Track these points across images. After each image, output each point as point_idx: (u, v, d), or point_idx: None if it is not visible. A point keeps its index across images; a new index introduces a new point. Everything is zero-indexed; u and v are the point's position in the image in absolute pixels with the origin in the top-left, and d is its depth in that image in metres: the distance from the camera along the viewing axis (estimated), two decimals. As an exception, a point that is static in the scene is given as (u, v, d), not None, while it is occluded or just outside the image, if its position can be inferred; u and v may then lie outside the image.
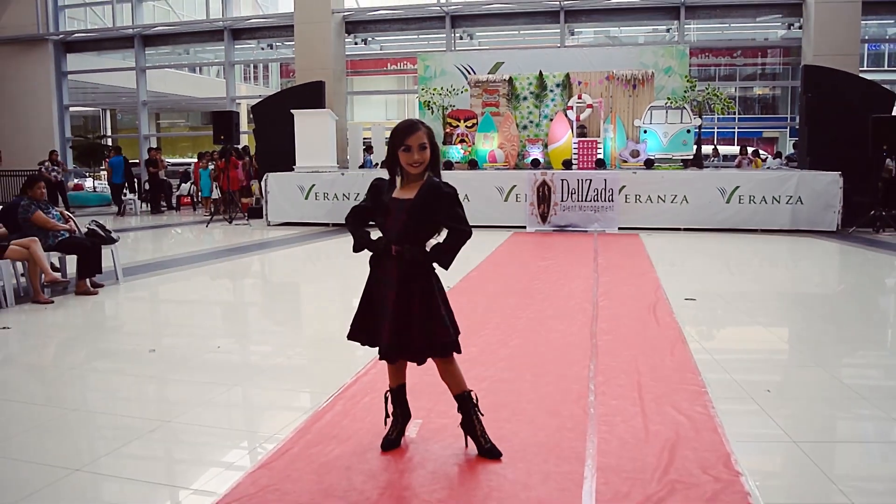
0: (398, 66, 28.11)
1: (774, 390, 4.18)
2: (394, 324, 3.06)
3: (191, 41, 22.63)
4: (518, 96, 15.70)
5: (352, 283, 8.69)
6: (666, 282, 7.67)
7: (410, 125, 3.04)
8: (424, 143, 3.02)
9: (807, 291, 8.09)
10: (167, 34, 22.28)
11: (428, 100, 16.07)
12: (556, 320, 5.89)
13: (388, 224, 3.09)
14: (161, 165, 19.73)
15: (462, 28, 20.03)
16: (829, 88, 14.14)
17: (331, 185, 14.37)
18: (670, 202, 13.03)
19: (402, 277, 3.06)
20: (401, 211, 3.04)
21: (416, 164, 3.02)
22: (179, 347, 5.45)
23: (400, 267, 3.06)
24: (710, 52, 24.86)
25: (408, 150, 3.01)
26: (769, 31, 21.39)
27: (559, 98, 15.48)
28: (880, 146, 12.70)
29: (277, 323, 6.56)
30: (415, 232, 3.06)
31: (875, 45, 25.64)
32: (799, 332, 5.98)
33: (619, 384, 4.19)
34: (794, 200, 12.66)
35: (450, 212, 3.03)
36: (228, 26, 20.99)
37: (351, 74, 22.25)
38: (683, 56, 15.77)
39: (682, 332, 5.47)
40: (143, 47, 22.06)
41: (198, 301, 7.56)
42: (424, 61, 17.23)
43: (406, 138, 3.01)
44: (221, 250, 11.30)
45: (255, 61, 28.02)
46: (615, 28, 21.53)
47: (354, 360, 4.66)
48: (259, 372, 4.72)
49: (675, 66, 15.63)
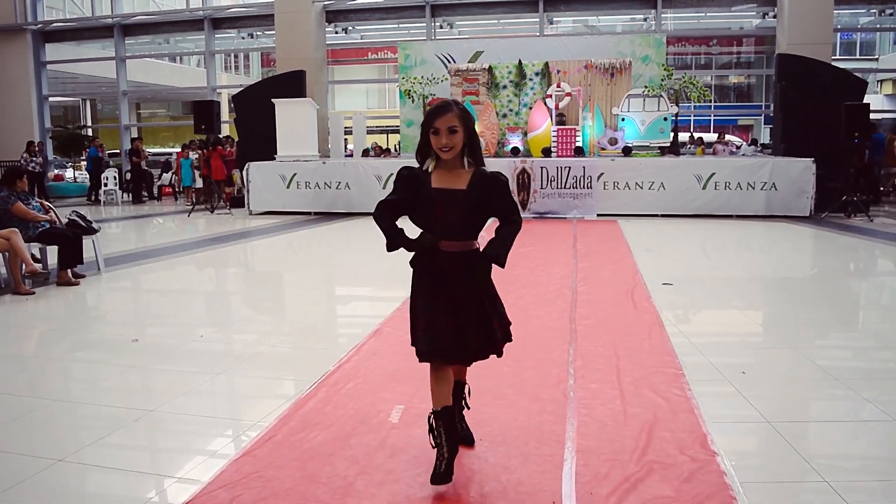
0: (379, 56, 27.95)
1: (749, 372, 4.22)
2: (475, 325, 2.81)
3: (171, 30, 22.35)
4: (498, 85, 15.68)
5: (334, 272, 8.70)
6: (644, 267, 7.71)
7: (440, 107, 2.78)
8: (455, 126, 2.74)
9: (781, 275, 8.16)
10: (147, 23, 21.98)
11: (408, 88, 16.02)
12: (536, 306, 5.91)
13: (440, 216, 2.78)
14: (143, 155, 19.54)
15: (442, 17, 19.94)
16: (802, 77, 14.23)
17: (312, 174, 14.30)
18: (648, 189, 13.09)
19: (470, 275, 2.81)
20: (452, 203, 2.76)
21: (444, 149, 2.75)
22: (162, 337, 5.41)
23: (462, 262, 2.79)
24: (686, 41, 24.96)
25: (437, 134, 2.76)
26: (744, 20, 21.49)
27: (538, 87, 15.47)
28: (852, 133, 12.82)
29: (260, 311, 6.53)
30: (473, 225, 2.82)
31: (847, 34, 25.87)
32: (773, 315, 6.04)
33: (598, 368, 4.22)
34: (769, 187, 12.76)
35: (506, 202, 2.82)
36: (209, 15, 20.75)
37: (332, 63, 22.13)
38: (660, 45, 15.81)
39: (659, 316, 5.50)
40: (123, 37, 21.75)
41: (180, 291, 7.51)
42: (405, 50, 17.14)
43: (435, 120, 2.75)
44: (204, 240, 11.22)
45: (236, 51, 27.74)
46: (593, 17, 21.54)
47: (337, 347, 4.65)
48: (242, 360, 4.70)
49: (653, 54, 15.66)
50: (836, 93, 13.54)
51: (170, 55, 26.26)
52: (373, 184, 13.88)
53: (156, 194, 20.53)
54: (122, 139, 21.89)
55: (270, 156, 15.03)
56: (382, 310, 5.86)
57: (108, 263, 8.32)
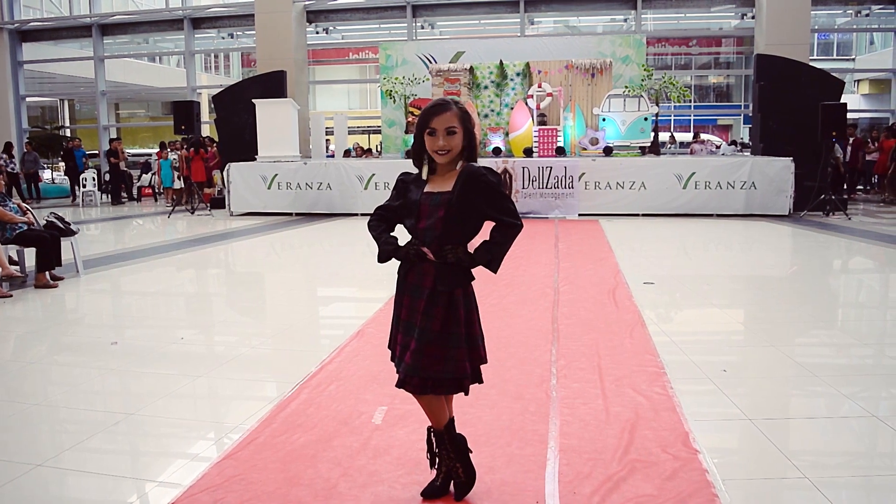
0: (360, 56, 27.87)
1: (730, 370, 4.25)
2: (432, 345, 2.53)
3: (150, 30, 22.19)
4: (479, 85, 15.69)
5: (315, 273, 8.67)
6: (625, 266, 7.75)
7: (437, 105, 2.54)
8: (453, 128, 2.50)
9: (761, 274, 8.23)
10: (126, 23, 21.81)
11: (390, 89, 15.99)
12: (518, 306, 5.91)
13: (422, 223, 2.55)
14: (121, 156, 19.36)
15: (423, 17, 19.94)
16: (780, 77, 14.35)
17: (293, 175, 14.24)
18: (629, 188, 13.15)
19: (438, 284, 2.54)
20: (436, 206, 2.53)
21: (441, 152, 2.51)
22: (142, 339, 5.36)
23: (437, 272, 2.54)
24: (666, 41, 25.09)
25: (432, 135, 2.52)
26: (723, 20, 21.66)
27: (519, 87, 15.51)
28: (829, 132, 12.94)
29: (241, 313, 6.49)
30: (455, 231, 2.54)
31: (824, 35, 26.13)
32: (753, 314, 6.08)
33: (581, 367, 4.23)
34: (748, 186, 12.86)
35: (496, 203, 2.53)
36: (188, 15, 20.62)
37: (313, 64, 22.04)
38: (641, 45, 15.91)
39: (641, 315, 5.53)
40: (102, 36, 21.56)
41: (160, 292, 7.44)
42: (386, 50, 17.13)
43: (431, 120, 2.51)
44: (184, 241, 11.14)
45: (216, 51, 27.59)
46: (574, 18, 21.61)
47: (319, 348, 4.63)
48: (223, 362, 4.67)
49: (633, 55, 15.76)
50: (814, 93, 13.66)
51: (149, 55, 26.04)
52: (354, 185, 13.85)
53: (135, 195, 20.36)
54: (101, 140, 21.69)
55: (251, 156, 14.96)
56: (364, 311, 5.85)
57: (87, 265, 8.24)
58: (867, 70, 25.94)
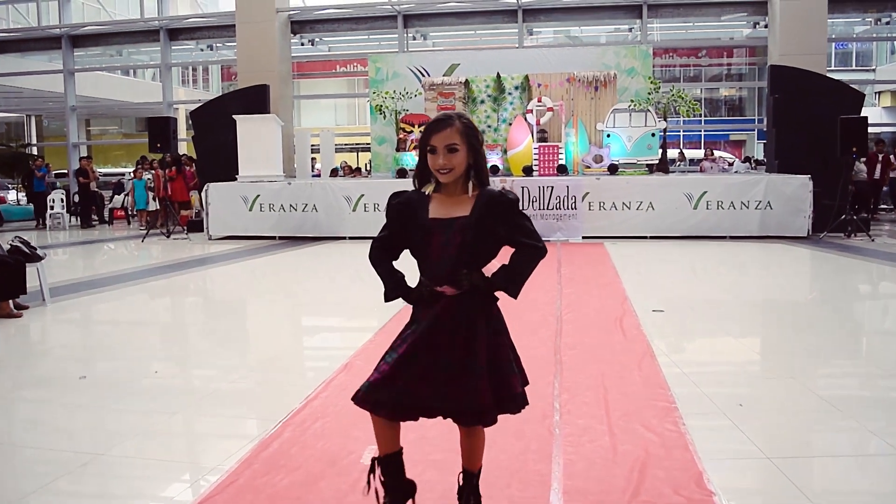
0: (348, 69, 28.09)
1: (747, 404, 4.23)
2: (453, 377, 2.52)
3: (124, 42, 22.32)
4: (475, 99, 15.80)
5: (300, 301, 8.65)
6: (633, 293, 7.75)
7: (437, 121, 2.51)
8: (455, 145, 2.48)
9: (778, 300, 8.23)
10: (98, 34, 21.94)
11: (380, 104, 16.08)
12: (517, 335, 5.87)
13: (434, 251, 2.52)
14: (92, 176, 19.37)
15: (415, 28, 20.10)
16: (796, 89, 14.48)
17: (277, 196, 14.25)
18: (636, 209, 13.19)
19: (460, 314, 2.54)
20: (451, 232, 2.50)
21: (442, 171, 2.48)
22: (113, 373, 5.33)
23: (457, 302, 2.54)
24: (674, 52, 25.37)
25: (433, 153, 2.49)
26: (734, 30, 21.90)
27: (518, 101, 15.62)
28: (849, 148, 13.02)
29: (220, 345, 6.46)
30: (472, 258, 2.53)
31: (842, 44, 26.41)
32: (771, 343, 6.08)
33: (585, 401, 4.21)
34: (763, 205, 12.91)
35: (516, 223, 2.53)
36: (165, 26, 20.75)
37: (297, 77, 22.20)
38: (647, 57, 16.06)
39: (650, 345, 5.52)
40: (72, 48, 21.67)
41: (133, 322, 7.41)
42: (375, 63, 17.26)
43: (431, 137, 2.49)
44: (159, 267, 11.11)
45: (194, 63, 27.76)
46: (576, 28, 21.84)
47: (303, 383, 4.61)
48: (201, 398, 4.64)
49: (639, 66, 15.90)
50: (832, 105, 13.77)
51: (122, 68, 26.18)
52: (342, 206, 13.87)
53: (107, 218, 20.36)
54: (71, 158, 21.72)
55: (231, 176, 14.98)
56: (353, 341, 5.83)
57: (55, 293, 8.20)
58: (888, 81, 26.21)
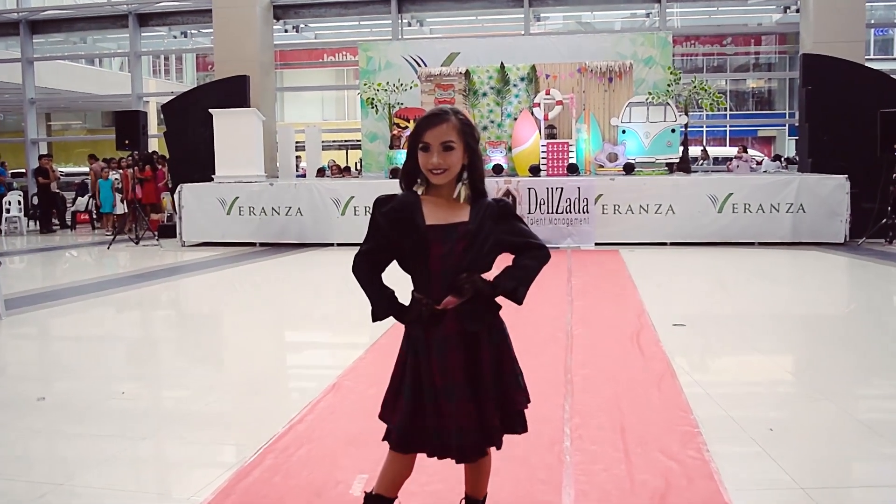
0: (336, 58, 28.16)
1: (778, 429, 4.23)
2: (471, 400, 2.56)
3: (88, 28, 22.33)
4: (476, 92, 15.81)
5: (284, 314, 8.64)
6: (651, 305, 7.75)
7: (432, 115, 2.52)
8: (450, 142, 2.48)
9: (812, 313, 8.23)
10: (60, 19, 21.97)
11: (371, 97, 16.07)
12: (523, 353, 5.86)
13: (434, 263, 2.52)
14: (53, 176, 19.38)
15: (410, 13, 20.13)
16: (831, 80, 14.49)
17: (258, 198, 14.26)
18: (654, 212, 13.20)
19: (466, 325, 2.57)
20: (452, 241, 2.51)
21: (436, 171, 2.48)
22: (75, 394, 5.31)
23: (460, 313, 2.55)
24: (696, 39, 25.44)
25: (426, 150, 2.49)
26: (763, 15, 21.95)
27: (524, 94, 15.64)
28: (890, 145, 13.02)
29: (194, 363, 6.45)
30: (478, 268, 2.56)
31: (882, 30, 26.45)
32: (805, 361, 6.08)
33: (599, 426, 4.20)
34: (796, 208, 12.91)
35: (517, 227, 2.63)
36: (134, 10, 20.77)
37: (281, 67, 22.23)
38: (666, 45, 16.08)
39: (670, 363, 5.51)
40: (31, 35, 21.70)
41: (98, 338, 7.41)
42: (367, 52, 17.27)
43: (424, 133, 2.49)
44: (127, 277, 11.12)
45: (167, 52, 27.79)
46: (587, 13, 21.88)
47: (287, 404, 4.60)
48: (172, 421, 4.63)
49: (657, 56, 15.92)
50: (872, 98, 13.79)
51: (87, 57, 26.23)
52: (330, 209, 13.88)
53: (69, 222, 20.35)
54: (29, 156, 21.73)
55: (207, 176, 14.99)
56: (341, 359, 5.81)
57: (10, 305, 8.20)
58: (933, 72, 26.24)
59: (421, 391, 2.56)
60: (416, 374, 2.57)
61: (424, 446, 2.62)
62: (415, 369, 2.58)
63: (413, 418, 2.56)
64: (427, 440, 2.59)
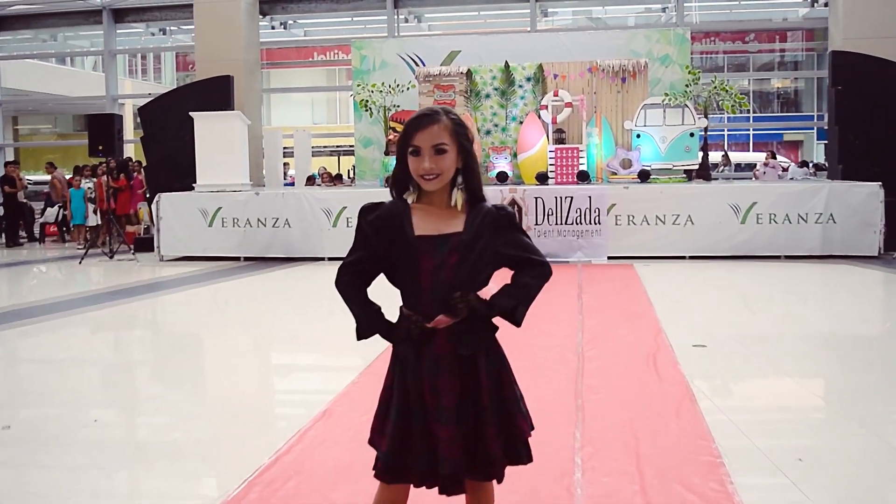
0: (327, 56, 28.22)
1: (808, 458, 4.22)
2: (459, 429, 2.52)
3: (59, 24, 22.43)
4: (479, 94, 15.83)
5: (270, 335, 8.63)
6: (668, 324, 7.74)
7: (421, 116, 2.48)
8: (443, 145, 2.44)
9: (844, 332, 8.22)
10: (28, 15, 22.02)
11: (365, 98, 16.08)
12: (530, 376, 5.88)
13: (424, 277, 2.49)
14: (20, 185, 19.39)
15: (407, 8, 20.21)
16: (863, 79, 14.49)
17: (242, 209, 14.25)
18: (672, 223, 13.18)
19: (459, 349, 2.53)
20: (444, 253, 2.48)
21: (428, 176, 2.45)
22: (43, 422, 5.30)
23: (453, 333, 2.52)
24: (716, 36, 25.49)
25: (417, 154, 2.46)
26: (788, 9, 21.99)
27: (530, 95, 15.66)
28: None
29: (173, 387, 6.44)
30: (472, 283, 2.52)
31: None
32: (836, 385, 6.06)
33: (613, 457, 4.20)
34: (825, 218, 12.89)
35: (516, 240, 2.58)
36: (108, 5, 20.85)
37: (267, 67, 22.27)
38: (684, 42, 16.13)
39: (690, 387, 5.50)
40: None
41: (69, 361, 7.39)
42: (360, 50, 17.32)
43: (414, 135, 2.46)
44: (100, 294, 11.12)
45: (144, 50, 27.88)
46: (598, 7, 21.95)
47: (273, 433, 4.59)
48: (149, 451, 4.63)
49: (674, 54, 15.97)
50: (907, 99, 13.83)
51: (58, 55, 26.29)
52: (320, 221, 13.86)
53: (37, 234, 20.34)
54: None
55: (187, 185, 14.98)
56: (332, 384, 5.80)
57: (-26, 326, 8.21)
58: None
59: (409, 413, 2.52)
60: (403, 397, 2.53)
61: (410, 475, 2.56)
62: (402, 391, 2.54)
63: (401, 443, 2.51)
64: (413, 467, 2.53)
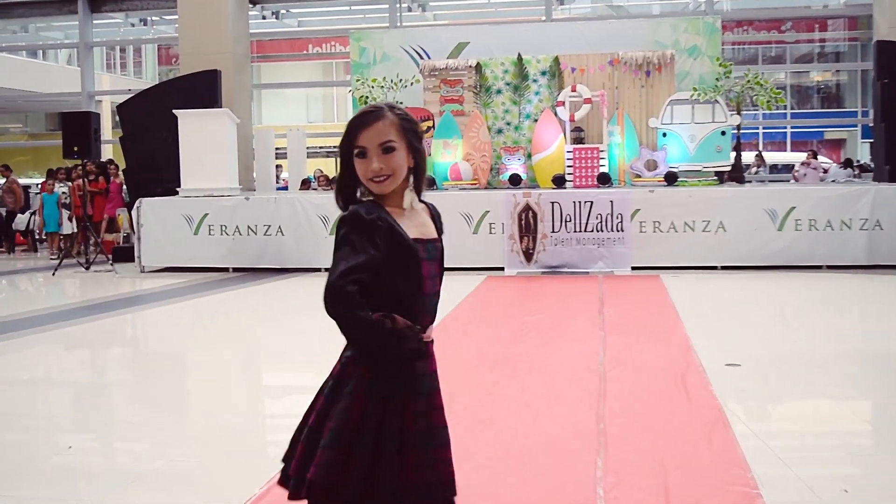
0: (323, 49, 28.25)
1: (854, 489, 4.20)
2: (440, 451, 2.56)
3: (31, 14, 22.50)
4: (489, 89, 15.85)
5: (260, 353, 8.63)
6: (699, 341, 7.72)
7: (365, 113, 2.46)
8: (390, 143, 2.42)
9: (891, 350, 8.19)
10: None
11: (365, 94, 16.08)
12: (548, 400, 5.87)
13: (427, 284, 2.50)
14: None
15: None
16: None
17: (231, 215, 14.27)
18: (702, 230, 13.15)
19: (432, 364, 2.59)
20: (435, 259, 2.55)
21: (378, 179, 2.42)
22: (13, 448, 5.31)
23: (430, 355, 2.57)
24: (749, 25, 25.47)
25: (363, 156, 2.42)
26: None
27: (546, 91, 15.67)
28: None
29: (155, 410, 6.44)
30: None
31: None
32: (884, 408, 6.04)
33: (639, 487, 4.18)
34: (871, 225, 12.84)
35: None
36: (84, -6, 20.95)
37: (258, 60, 22.33)
38: (714, 31, 16.12)
39: (723, 410, 5.49)
40: (-38, 24, 21.90)
41: (41, 381, 7.40)
42: (360, 42, 17.35)
43: (357, 135, 2.43)
44: (75, 308, 11.15)
45: (123, 43, 27.97)
46: (621, -6, 21.99)
47: (264, 460, 4.58)
48: (128, 481, 4.62)
49: (703, 44, 15.96)
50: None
51: (29, 48, 26.38)
52: (316, 228, 13.86)
53: (5, 244, 20.39)
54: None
55: (171, 189, 15.02)
56: (330, 406, 5.79)
57: (-63, 344, 8.23)
58: None
59: (381, 440, 2.44)
60: (376, 422, 2.46)
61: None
62: (376, 416, 2.47)
63: (371, 473, 2.43)
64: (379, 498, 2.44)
